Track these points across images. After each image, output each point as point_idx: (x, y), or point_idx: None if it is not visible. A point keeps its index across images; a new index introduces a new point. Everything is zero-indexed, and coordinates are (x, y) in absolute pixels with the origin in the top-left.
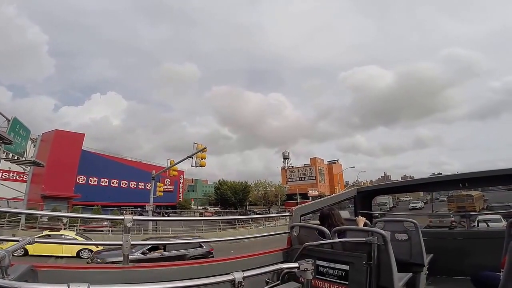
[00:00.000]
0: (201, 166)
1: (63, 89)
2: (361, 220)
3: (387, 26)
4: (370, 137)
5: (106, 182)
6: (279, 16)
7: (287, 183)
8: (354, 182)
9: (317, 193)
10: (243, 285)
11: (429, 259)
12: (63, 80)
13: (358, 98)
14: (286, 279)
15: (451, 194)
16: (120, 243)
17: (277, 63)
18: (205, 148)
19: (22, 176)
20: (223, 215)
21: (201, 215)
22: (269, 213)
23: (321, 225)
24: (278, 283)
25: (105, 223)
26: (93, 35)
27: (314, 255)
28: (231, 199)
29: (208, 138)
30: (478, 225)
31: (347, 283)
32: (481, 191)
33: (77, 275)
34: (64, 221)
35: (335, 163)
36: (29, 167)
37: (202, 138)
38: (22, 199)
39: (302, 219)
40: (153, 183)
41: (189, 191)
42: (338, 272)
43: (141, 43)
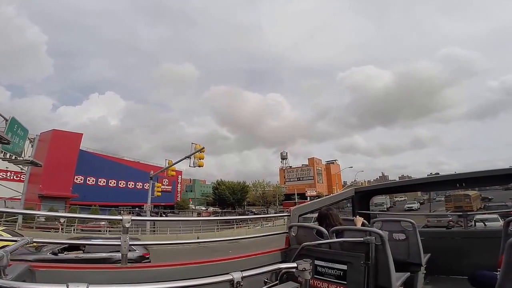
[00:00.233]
0: (199, 166)
1: (62, 89)
2: (359, 220)
3: (385, 26)
4: (368, 137)
5: (104, 182)
6: (277, 16)
7: (285, 183)
8: (352, 182)
9: (315, 193)
10: (241, 285)
11: (427, 258)
12: (61, 80)
13: (356, 98)
14: (285, 279)
15: (448, 194)
16: (119, 242)
17: (275, 63)
18: (203, 148)
19: (19, 176)
20: (221, 215)
21: (199, 215)
22: (267, 213)
23: (319, 225)
24: (277, 283)
25: (103, 223)
26: (92, 35)
27: (312, 255)
28: (229, 199)
29: (207, 138)
30: (475, 225)
31: (345, 282)
32: (478, 190)
33: (75, 275)
34: (62, 221)
35: (333, 163)
36: (26, 167)
37: (200, 138)
38: (20, 199)
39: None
40: (151, 183)
41: (187, 191)
42: (336, 272)
43: (140, 43)
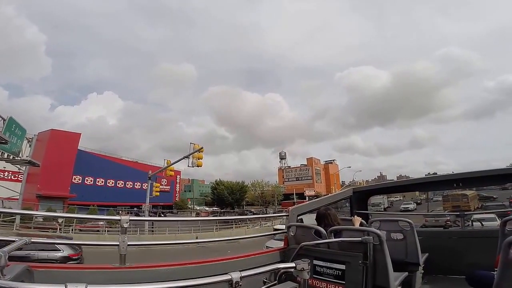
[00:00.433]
0: (197, 166)
1: (60, 88)
2: (357, 220)
3: (384, 26)
4: (366, 137)
5: (102, 182)
6: (277, 17)
7: (283, 183)
8: (350, 182)
9: (314, 193)
10: (240, 285)
11: (425, 258)
12: (60, 80)
13: (354, 98)
14: (283, 279)
15: (446, 194)
16: (117, 243)
17: (275, 63)
18: (201, 148)
19: (17, 175)
20: (220, 215)
21: (197, 215)
22: (266, 213)
23: (318, 225)
24: (275, 283)
25: (101, 223)
26: (91, 35)
27: (311, 254)
28: (228, 199)
29: (205, 138)
30: (472, 224)
31: (344, 282)
32: (475, 190)
33: (74, 275)
34: (60, 221)
35: (331, 163)
36: (24, 167)
37: (199, 138)
38: (17, 199)
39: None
40: (150, 183)
41: (185, 191)
42: (334, 271)
43: (139, 43)
